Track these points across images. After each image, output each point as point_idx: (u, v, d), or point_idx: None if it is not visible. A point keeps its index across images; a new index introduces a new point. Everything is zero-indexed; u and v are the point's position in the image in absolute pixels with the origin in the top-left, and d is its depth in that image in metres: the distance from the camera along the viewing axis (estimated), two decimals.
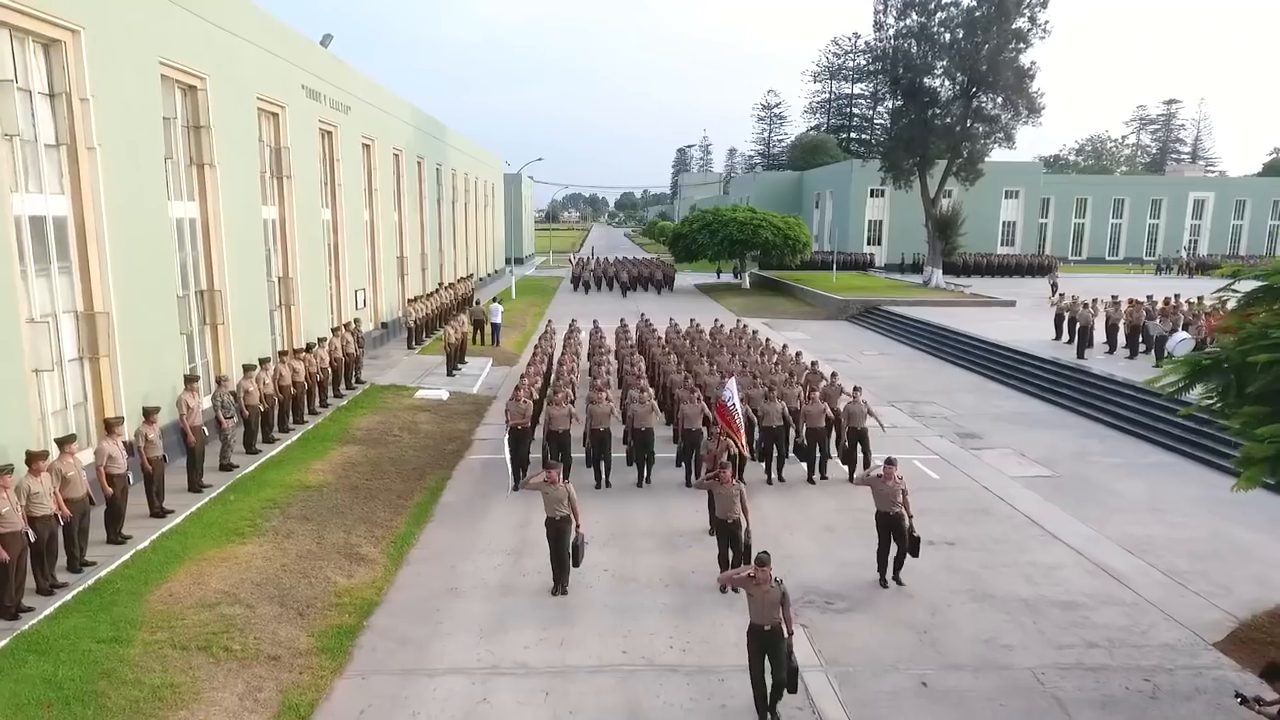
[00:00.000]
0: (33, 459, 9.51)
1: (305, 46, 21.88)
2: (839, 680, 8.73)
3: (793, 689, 7.87)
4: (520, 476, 14.28)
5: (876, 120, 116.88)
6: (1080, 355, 24.41)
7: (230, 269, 17.14)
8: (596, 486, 14.31)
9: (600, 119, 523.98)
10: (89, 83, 12.44)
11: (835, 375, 16.98)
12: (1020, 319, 34.53)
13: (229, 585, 10.08)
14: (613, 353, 21.99)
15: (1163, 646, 9.45)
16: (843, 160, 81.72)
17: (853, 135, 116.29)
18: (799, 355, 19.11)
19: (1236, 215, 77.02)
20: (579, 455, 14.75)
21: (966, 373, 26.50)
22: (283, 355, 17.15)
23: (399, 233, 32.37)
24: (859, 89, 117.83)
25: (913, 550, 10.64)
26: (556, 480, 10.16)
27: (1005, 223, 68.16)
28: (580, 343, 23.51)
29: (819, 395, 14.83)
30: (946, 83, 44.69)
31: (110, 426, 11.02)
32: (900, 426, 18.98)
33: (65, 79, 12.30)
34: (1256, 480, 8.20)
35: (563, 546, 10.29)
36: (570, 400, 14.83)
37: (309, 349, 18.58)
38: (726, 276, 60.37)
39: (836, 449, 15.08)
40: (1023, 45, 41.18)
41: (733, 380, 12.77)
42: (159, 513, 11.98)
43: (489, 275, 56.36)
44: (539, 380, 17.39)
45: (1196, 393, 9.30)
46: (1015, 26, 41.04)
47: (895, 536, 10.67)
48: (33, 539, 9.21)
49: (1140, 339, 24.60)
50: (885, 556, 10.85)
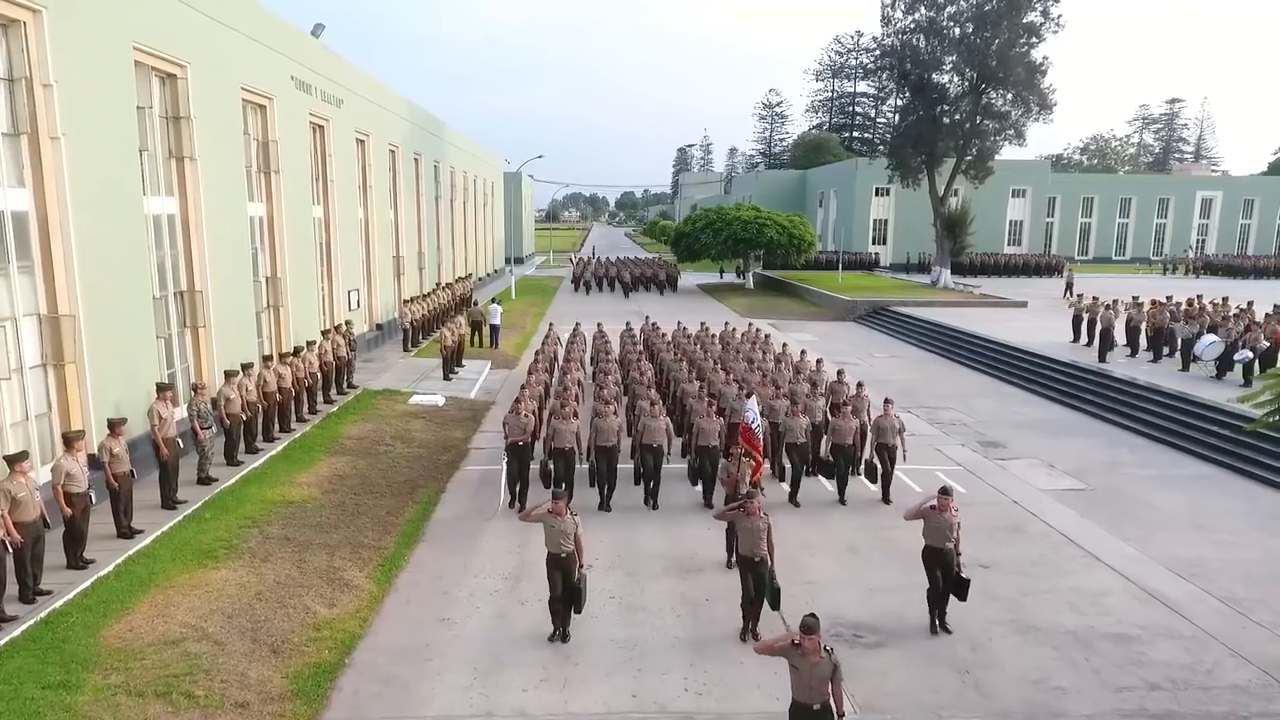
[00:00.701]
0: None
1: (295, 36, 20.94)
2: None
3: None
4: (519, 496, 13.19)
5: (880, 119, 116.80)
6: (1102, 358, 23.46)
7: (213, 268, 16.19)
8: (600, 507, 13.18)
9: (600, 119, 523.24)
10: (52, 67, 11.49)
11: (861, 385, 15.69)
12: (1033, 320, 33.60)
13: (197, 617, 9.13)
14: (617, 358, 20.79)
15: (1233, 689, 8.51)
16: (846, 159, 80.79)
17: (855, 134, 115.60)
18: (819, 363, 17.99)
19: (1245, 215, 76.03)
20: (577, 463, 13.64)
21: (982, 376, 25.56)
22: (267, 360, 16.17)
23: (395, 231, 31.43)
24: (862, 87, 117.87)
25: (958, 592, 9.47)
26: (564, 512, 8.86)
27: (1012, 222, 67.25)
28: (584, 347, 22.28)
29: (849, 409, 13.76)
30: (955, 78, 43.73)
31: (69, 441, 10.07)
32: (918, 434, 17.97)
33: (26, 63, 11.36)
34: None
35: (566, 587, 9.06)
36: (575, 414, 13.69)
37: (297, 353, 17.63)
38: (729, 276, 59.42)
39: (863, 468, 14.01)
40: (1035, 40, 40.21)
41: (754, 399, 11.70)
42: (126, 533, 11.04)
43: (488, 275, 55.42)
44: (540, 390, 16.36)
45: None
46: (1027, 21, 40.07)
47: (945, 576, 9.51)
48: None
49: (1164, 342, 23.67)
50: (937, 598, 9.56)
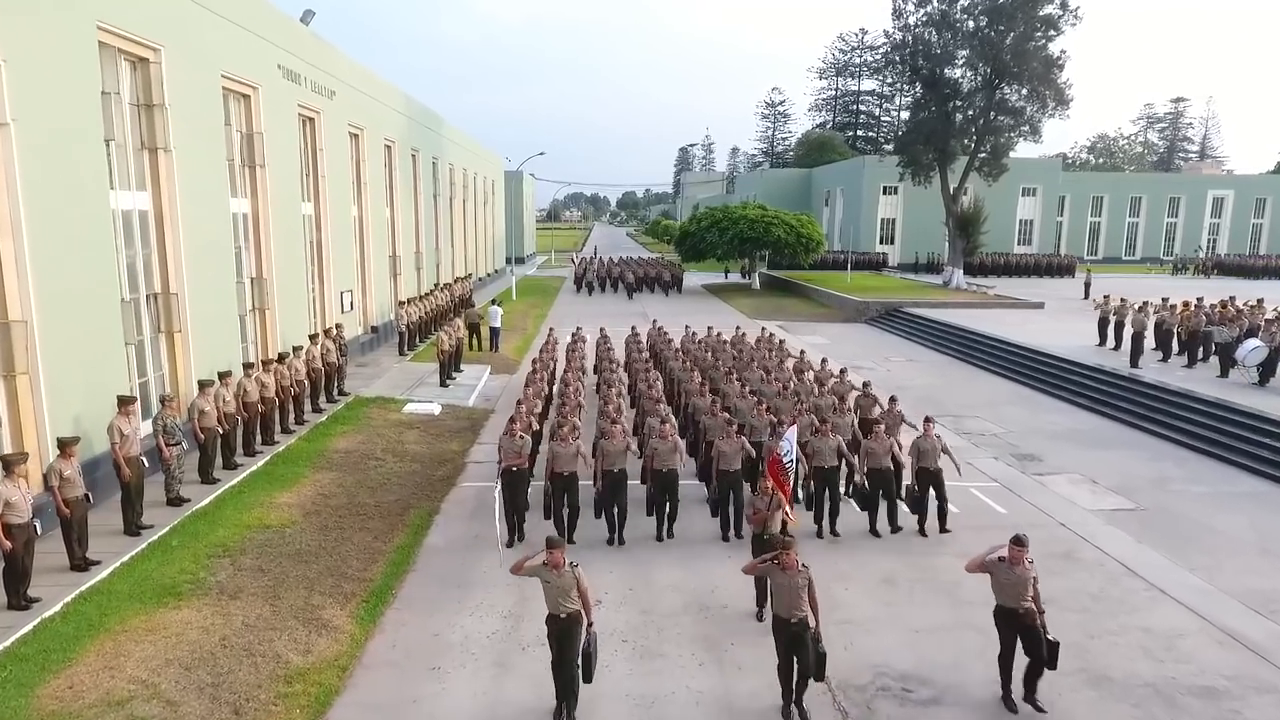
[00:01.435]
0: None
1: (282, 22, 19.74)
2: None
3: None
4: (516, 530, 11.70)
5: (884, 117, 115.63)
6: (1134, 363, 22.24)
7: (190, 269, 15.00)
8: (609, 541, 11.70)
9: (601, 119, 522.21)
10: (1, 45, 10.31)
11: (894, 400, 14.02)
12: (1052, 322, 32.45)
13: (150, 670, 7.95)
14: (622, 365, 19.34)
15: None
16: (850, 158, 79.59)
17: (860, 132, 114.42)
18: (843, 373, 16.54)
19: (1256, 214, 74.80)
20: (579, 484, 11.91)
21: (1006, 382, 24.36)
22: (248, 368, 14.97)
23: (391, 230, 30.26)
24: (867, 85, 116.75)
25: (1050, 660, 7.84)
26: (562, 563, 7.35)
27: (1022, 221, 66.03)
28: (585, 354, 20.83)
29: (883, 428, 12.24)
30: (969, 73, 42.52)
31: (9, 465, 8.87)
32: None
33: None
34: None
35: (569, 654, 7.44)
36: (577, 433, 12.16)
37: (282, 359, 16.44)
38: (734, 277, 58.26)
39: (905, 497, 12.32)
40: (1053, 32, 38.99)
41: (794, 430, 10.01)
42: (80, 565, 9.87)
43: (488, 275, 54.25)
44: (538, 404, 14.90)
45: None
46: (1044, 13, 38.86)
47: (1025, 640, 7.85)
48: None
49: (1199, 346, 22.48)
50: (1011, 665, 7.98)
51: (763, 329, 21.83)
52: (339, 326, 20.61)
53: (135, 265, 14.01)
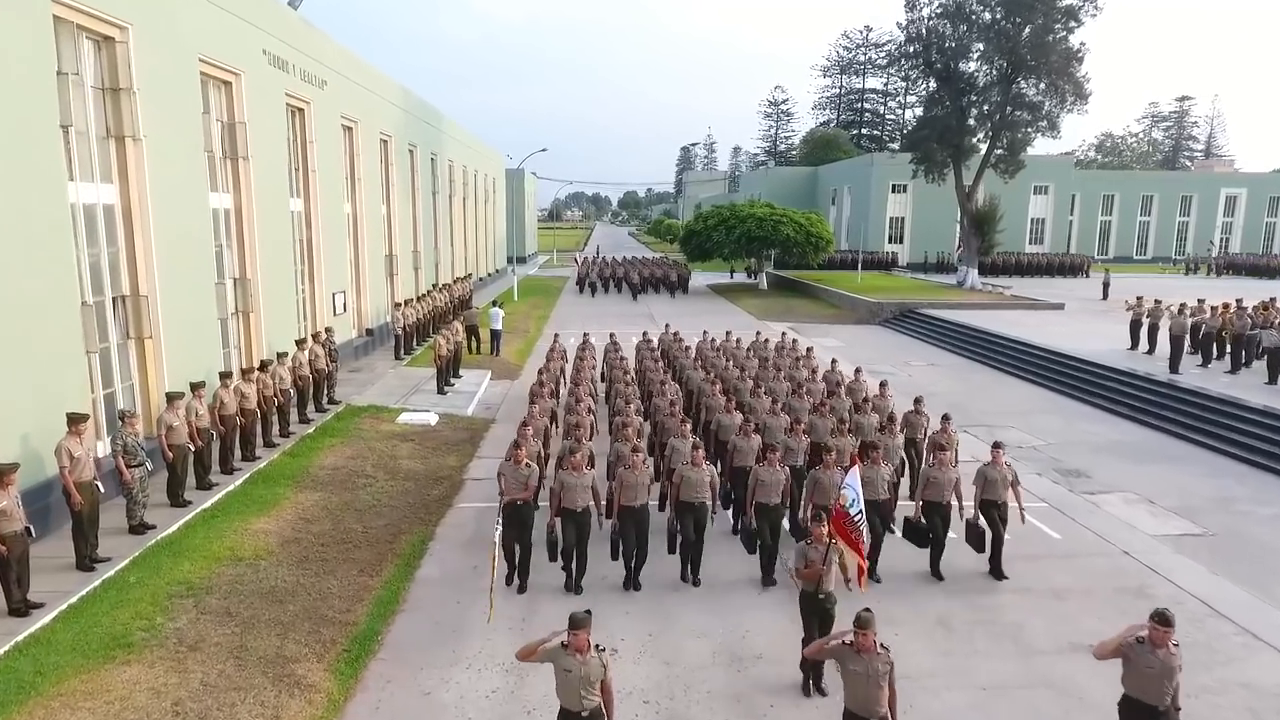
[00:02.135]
0: None
1: (266, 4, 18.43)
2: None
3: None
4: (519, 571, 10.04)
5: (889, 115, 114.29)
6: (1174, 369, 20.95)
7: (163, 268, 13.73)
8: (627, 585, 10.12)
9: (601, 118, 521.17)
10: None
11: (947, 419, 12.19)
12: (1076, 324, 31.15)
13: None
14: (632, 373, 17.33)
15: None
16: (856, 156, 78.28)
17: (864, 131, 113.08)
18: (883, 386, 14.69)
19: (1270, 212, 73.45)
20: (592, 520, 10.14)
21: (1034, 388, 23.07)
22: (225, 378, 13.67)
23: (387, 228, 28.98)
24: (871, 83, 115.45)
25: None
26: (587, 648, 5.81)
27: (1033, 220, 64.73)
28: (594, 363, 18.70)
29: (947, 455, 10.53)
30: (984, 67, 41.19)
31: None
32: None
33: None
34: None
35: None
36: (591, 460, 10.66)
37: (264, 367, 15.16)
38: (739, 276, 56.97)
39: (968, 534, 10.56)
40: (1073, 24, 37.65)
41: (856, 473, 8.04)
42: (19, 608, 8.59)
43: (489, 275, 52.96)
44: (545, 422, 13.16)
45: None
46: (1065, 4, 37.51)
47: None
48: None
49: (1242, 349, 21.18)
50: None
51: (784, 334, 20.42)
52: (329, 330, 19.33)
53: (100, 265, 12.74)
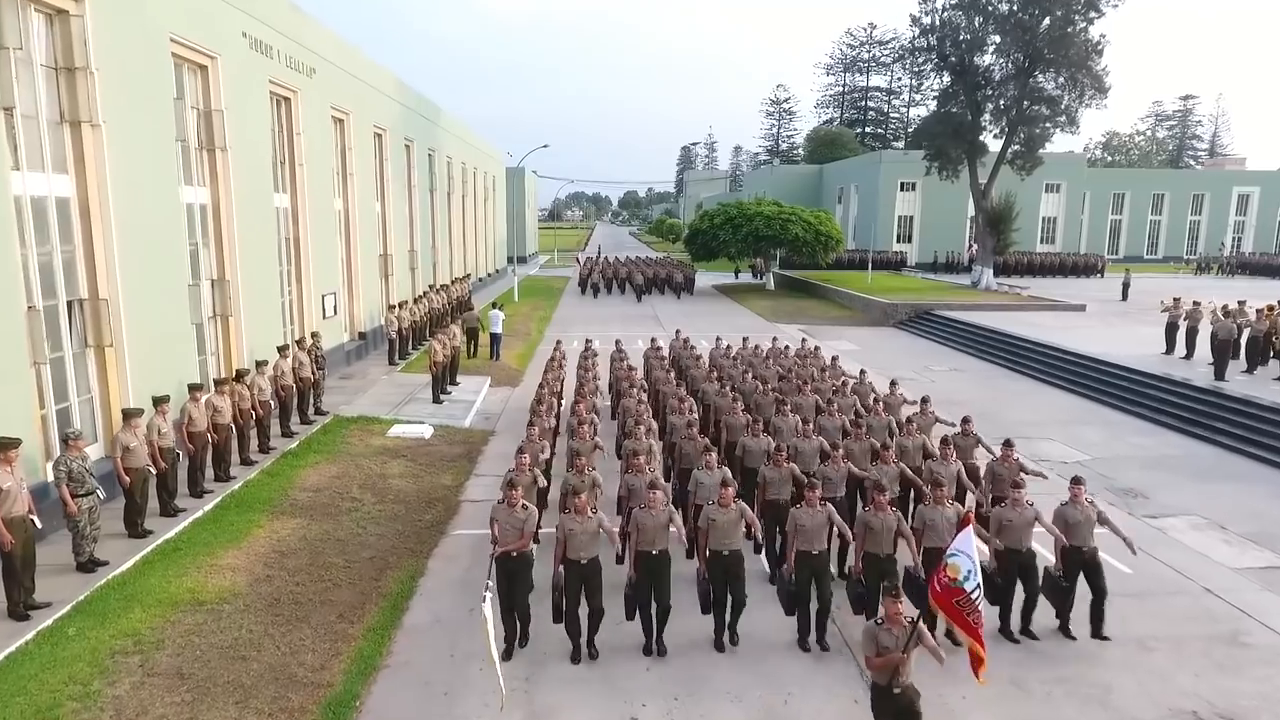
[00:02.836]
0: None
1: None
2: None
3: None
4: (517, 635, 8.34)
5: (893, 114, 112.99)
6: (1220, 375, 19.63)
7: (127, 269, 12.38)
8: (646, 650, 8.42)
9: (601, 118, 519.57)
10: None
11: (1010, 446, 10.34)
12: (1101, 326, 29.82)
13: None
14: (641, 386, 15.60)
15: None
16: (861, 154, 76.94)
17: (868, 129, 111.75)
18: (925, 404, 12.69)
19: None
20: (603, 573, 8.31)
21: (1067, 395, 21.74)
22: (194, 390, 12.30)
23: (382, 226, 27.63)
24: (875, 81, 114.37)
25: None
26: None
27: (1045, 218, 63.41)
28: (598, 374, 16.79)
29: (1020, 493, 8.71)
30: (1000, 60, 39.85)
31: None
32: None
33: None
34: None
35: None
36: (598, 491, 9.26)
37: (240, 377, 13.82)
38: (745, 276, 55.61)
39: (1047, 592, 8.84)
40: (1093, 14, 36.31)
41: (970, 536, 6.31)
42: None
43: (489, 275, 51.61)
44: (545, 448, 11.16)
45: None
46: None
47: None
48: None
49: None
50: None
51: (804, 340, 19.00)
52: (315, 335, 17.99)
53: (52, 265, 11.40)
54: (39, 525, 8.67)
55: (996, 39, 39.21)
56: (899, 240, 61.59)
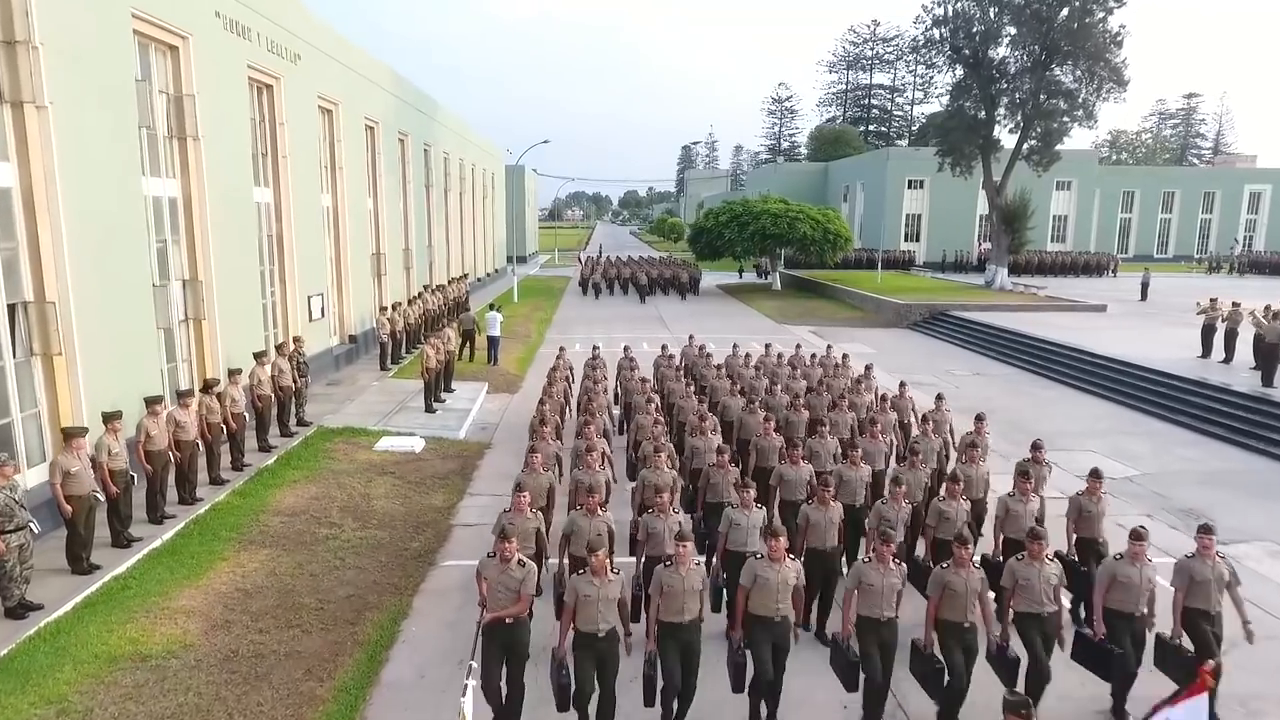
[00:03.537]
0: None
1: None
2: None
3: None
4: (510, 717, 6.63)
5: (896, 112, 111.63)
6: (1269, 382, 18.35)
7: (79, 268, 11.10)
8: None
9: (600, 118, 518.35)
10: None
11: (1098, 477, 8.73)
12: (1125, 327, 28.55)
13: None
14: (656, 402, 13.24)
15: None
16: (865, 152, 75.66)
17: (871, 127, 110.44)
18: (981, 423, 11.05)
19: None
20: (619, 646, 6.61)
21: (1101, 401, 20.46)
22: (153, 403, 10.99)
23: (374, 224, 26.33)
24: (879, 79, 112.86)
25: None
26: None
27: (1056, 216, 62.16)
28: (604, 386, 14.99)
29: (1141, 545, 6.90)
30: (1016, 52, 38.56)
31: None
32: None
33: None
34: None
35: None
36: (610, 536, 7.51)
37: (208, 388, 12.53)
38: (749, 276, 54.35)
39: (1157, 658, 7.26)
40: (1113, 4, 35.03)
41: (1203, 705, 4.80)
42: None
43: (487, 275, 50.30)
44: (548, 478, 9.20)
45: None
46: None
47: None
48: None
49: None
50: None
51: (829, 347, 17.57)
52: (297, 340, 16.70)
53: None
54: None
55: (1012, 30, 37.97)
56: (907, 239, 60.38)
